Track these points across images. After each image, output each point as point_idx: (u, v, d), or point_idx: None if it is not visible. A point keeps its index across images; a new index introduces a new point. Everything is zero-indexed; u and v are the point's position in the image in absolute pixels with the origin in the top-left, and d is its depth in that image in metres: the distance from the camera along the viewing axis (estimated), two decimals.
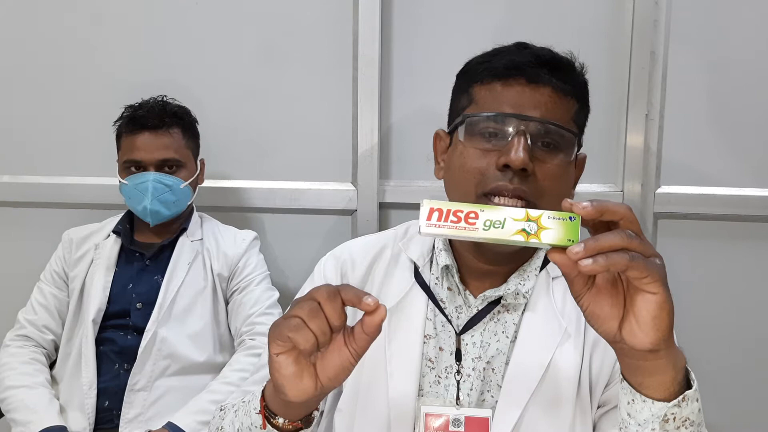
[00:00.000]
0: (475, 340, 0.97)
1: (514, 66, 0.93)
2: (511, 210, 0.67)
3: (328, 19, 1.83)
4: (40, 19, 1.90)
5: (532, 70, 0.92)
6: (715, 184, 1.80)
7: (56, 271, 1.71)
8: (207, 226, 1.76)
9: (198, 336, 1.64)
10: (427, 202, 0.68)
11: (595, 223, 0.68)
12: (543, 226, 0.67)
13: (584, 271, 0.64)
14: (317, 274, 1.07)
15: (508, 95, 0.92)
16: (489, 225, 0.67)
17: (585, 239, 0.65)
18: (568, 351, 0.95)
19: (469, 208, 0.68)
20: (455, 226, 0.67)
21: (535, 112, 0.91)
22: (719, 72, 1.77)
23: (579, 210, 0.66)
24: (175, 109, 1.70)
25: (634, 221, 0.67)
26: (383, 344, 0.97)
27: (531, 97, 0.92)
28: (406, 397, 0.95)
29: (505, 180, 0.89)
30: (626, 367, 0.74)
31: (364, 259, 1.05)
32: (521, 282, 0.97)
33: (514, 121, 0.90)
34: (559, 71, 0.94)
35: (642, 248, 0.65)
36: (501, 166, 0.89)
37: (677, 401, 0.72)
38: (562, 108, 0.93)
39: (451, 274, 0.99)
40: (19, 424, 1.52)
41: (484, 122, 0.92)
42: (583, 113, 0.99)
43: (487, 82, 0.94)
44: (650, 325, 0.67)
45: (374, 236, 1.12)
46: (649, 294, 0.67)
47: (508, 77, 0.93)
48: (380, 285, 1.02)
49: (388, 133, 1.85)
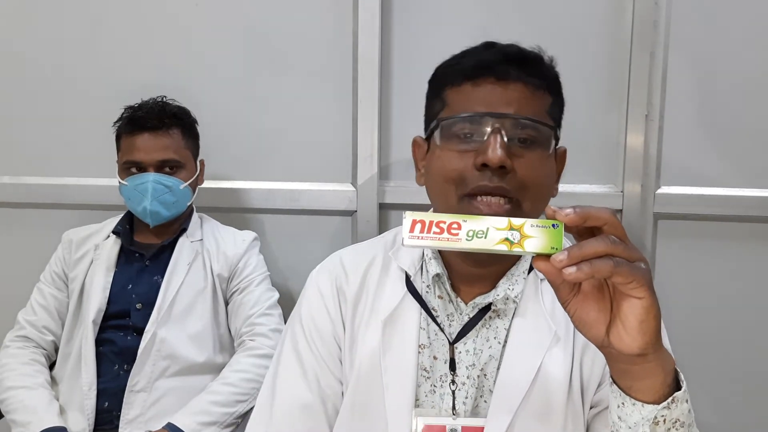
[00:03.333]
0: (468, 348, 0.97)
1: (483, 65, 0.93)
2: (493, 219, 0.67)
3: (328, 20, 1.83)
4: (40, 19, 1.90)
5: (501, 68, 0.92)
6: (715, 184, 1.80)
7: (56, 272, 1.71)
8: (207, 226, 1.76)
9: (198, 337, 1.64)
10: (409, 214, 0.68)
11: (580, 230, 0.68)
12: (526, 235, 0.67)
13: (569, 279, 0.64)
14: (311, 290, 1.06)
15: (480, 95, 0.92)
16: (472, 235, 0.67)
17: (568, 247, 0.65)
18: (558, 355, 0.95)
19: (451, 219, 0.67)
20: (438, 238, 0.67)
21: (508, 109, 0.90)
22: (719, 73, 1.77)
23: (562, 217, 0.66)
24: (174, 109, 1.70)
25: (617, 226, 0.66)
26: (378, 356, 0.97)
27: (502, 95, 0.91)
28: (403, 408, 0.95)
29: (485, 179, 0.88)
30: (615, 371, 0.74)
31: (357, 271, 1.04)
32: (510, 287, 0.97)
33: (488, 120, 0.89)
34: (528, 66, 0.93)
35: (627, 253, 0.65)
36: (479, 165, 0.88)
37: (667, 403, 0.72)
38: (535, 102, 0.93)
39: (441, 282, 0.99)
40: (19, 425, 1.52)
41: (458, 124, 0.92)
42: (558, 106, 0.98)
43: (458, 84, 0.94)
44: (637, 330, 0.67)
45: (363, 246, 1.11)
46: (635, 299, 0.67)
47: (478, 77, 0.92)
48: (374, 296, 1.02)
49: (388, 133, 1.85)
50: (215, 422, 1.52)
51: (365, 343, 0.99)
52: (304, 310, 1.05)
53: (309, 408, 1.00)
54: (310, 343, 1.02)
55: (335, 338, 1.02)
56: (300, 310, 1.06)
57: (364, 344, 0.99)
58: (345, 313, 1.03)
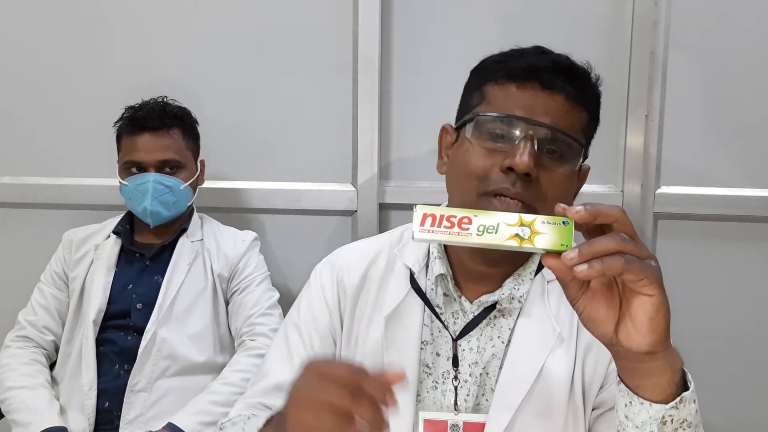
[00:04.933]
0: (472, 345, 0.97)
1: (531, 69, 0.92)
2: (504, 215, 0.67)
3: (328, 20, 1.83)
4: (40, 19, 1.90)
5: (548, 76, 0.91)
6: (715, 184, 1.80)
7: (56, 272, 1.71)
8: (207, 226, 1.76)
9: (198, 337, 1.64)
10: (420, 207, 0.68)
11: (589, 227, 0.68)
12: (536, 231, 0.66)
13: (580, 276, 0.64)
14: (314, 282, 1.07)
15: (521, 98, 0.91)
16: (482, 230, 0.67)
17: (579, 244, 0.65)
18: (561, 355, 0.95)
19: (462, 213, 0.67)
20: (448, 232, 0.67)
21: (545, 118, 0.90)
22: (719, 73, 1.77)
23: (572, 214, 0.65)
24: (175, 110, 1.70)
25: (627, 224, 0.66)
26: (381, 351, 0.98)
27: (543, 103, 0.90)
28: (405, 404, 0.94)
29: (508, 183, 0.88)
30: (623, 370, 0.74)
31: (360, 266, 1.04)
32: (516, 286, 0.97)
33: (523, 125, 0.89)
34: (574, 80, 0.93)
35: (637, 251, 0.65)
36: (505, 168, 0.88)
37: (675, 403, 0.72)
38: (573, 117, 0.92)
39: (445, 282, 0.99)
40: (20, 425, 1.52)
41: (493, 122, 0.91)
42: (593, 125, 0.98)
43: (502, 83, 0.93)
44: (647, 327, 0.67)
45: (369, 241, 1.11)
46: (645, 296, 0.66)
47: (524, 80, 0.92)
48: (376, 291, 1.02)
49: (388, 133, 1.85)
50: (215, 422, 1.52)
51: (368, 338, 1.00)
52: (304, 301, 1.06)
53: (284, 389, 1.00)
54: (304, 333, 1.03)
55: (331, 333, 1.03)
56: (300, 301, 1.07)
57: (366, 339, 1.00)
58: (344, 306, 1.03)
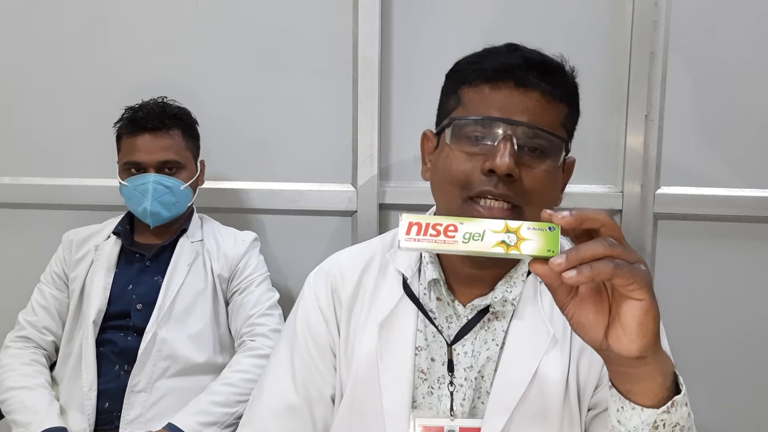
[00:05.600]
0: (467, 349, 0.97)
1: (504, 68, 0.91)
2: (490, 222, 0.67)
3: (328, 21, 1.83)
4: (40, 20, 1.90)
5: (522, 74, 0.90)
6: (715, 185, 1.80)
7: (56, 273, 1.71)
8: (207, 227, 1.76)
9: (198, 337, 1.64)
10: (405, 216, 0.68)
11: (577, 232, 0.67)
12: (523, 237, 0.66)
13: (569, 282, 0.63)
14: (308, 292, 1.06)
15: (496, 99, 0.90)
16: (468, 237, 0.67)
17: (566, 250, 0.64)
18: (555, 357, 0.94)
19: (448, 221, 0.67)
20: (435, 240, 0.67)
21: (523, 117, 0.89)
22: (719, 73, 1.77)
23: (558, 220, 0.65)
24: (175, 110, 1.70)
25: (615, 228, 0.66)
26: (375, 358, 0.97)
27: (519, 101, 0.90)
28: (401, 409, 0.95)
29: (491, 185, 0.88)
30: (614, 375, 0.74)
31: (354, 273, 1.04)
32: (508, 289, 0.97)
33: (501, 126, 0.88)
34: (549, 75, 0.92)
35: (625, 255, 0.65)
36: (486, 171, 0.88)
37: (666, 407, 0.72)
38: (551, 112, 0.91)
39: (439, 285, 0.99)
40: (20, 426, 1.52)
41: (470, 126, 0.91)
42: (573, 118, 0.97)
43: (476, 84, 0.92)
44: (636, 332, 0.67)
45: (361, 247, 1.11)
46: (635, 300, 0.66)
47: (497, 80, 0.91)
48: (371, 297, 1.01)
49: (387, 134, 1.85)
50: (216, 422, 1.52)
51: (362, 346, 0.99)
52: (300, 312, 1.06)
53: (293, 410, 1.01)
54: (303, 348, 1.03)
55: (330, 346, 1.03)
56: (296, 313, 1.06)
57: (361, 346, 0.99)
58: (340, 315, 1.03)
